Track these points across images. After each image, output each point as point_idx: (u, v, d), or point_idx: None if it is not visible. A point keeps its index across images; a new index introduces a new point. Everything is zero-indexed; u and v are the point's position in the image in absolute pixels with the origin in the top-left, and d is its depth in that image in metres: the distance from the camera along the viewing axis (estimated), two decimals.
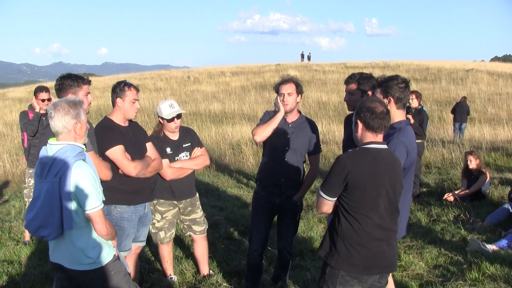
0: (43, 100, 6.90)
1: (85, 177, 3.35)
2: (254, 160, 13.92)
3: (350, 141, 4.02)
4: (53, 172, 3.33)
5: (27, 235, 7.11)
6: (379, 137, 3.46)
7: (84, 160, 3.44)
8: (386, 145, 3.53)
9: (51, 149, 3.42)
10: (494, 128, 18.41)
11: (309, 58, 56.86)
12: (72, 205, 3.35)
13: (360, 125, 3.45)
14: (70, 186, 3.31)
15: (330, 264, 3.48)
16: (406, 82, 4.04)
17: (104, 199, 3.54)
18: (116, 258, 3.69)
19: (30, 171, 7.10)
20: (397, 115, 4.00)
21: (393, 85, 3.98)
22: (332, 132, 18.12)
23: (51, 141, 3.46)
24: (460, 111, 17.90)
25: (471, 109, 19.89)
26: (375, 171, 3.37)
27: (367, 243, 3.40)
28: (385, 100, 3.94)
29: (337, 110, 25.60)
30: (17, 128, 17.95)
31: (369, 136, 3.44)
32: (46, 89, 7.09)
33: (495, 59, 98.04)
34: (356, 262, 3.41)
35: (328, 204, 3.47)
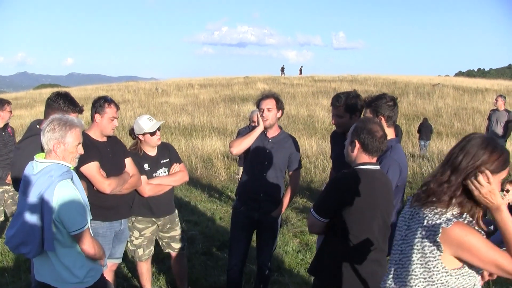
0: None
1: (68, 198, 3.27)
2: (226, 174, 13.86)
3: (340, 159, 4.02)
4: (35, 191, 3.24)
5: None
6: (374, 159, 3.45)
7: (70, 179, 3.36)
8: (379, 166, 3.53)
9: (36, 166, 3.33)
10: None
11: (300, 71, 56.57)
12: (54, 226, 3.26)
13: (357, 145, 3.41)
14: (53, 207, 3.22)
15: (323, 285, 3.46)
16: (394, 100, 4.08)
17: (91, 217, 3.48)
18: (103, 277, 3.63)
19: None
20: (388, 133, 3.93)
21: (382, 104, 4.01)
22: (302, 145, 18.14)
23: (38, 158, 3.38)
24: (425, 131, 18.87)
25: (438, 123, 20.24)
26: (370, 192, 3.35)
27: (361, 264, 3.38)
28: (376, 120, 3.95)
29: (306, 123, 25.73)
30: None
31: (365, 158, 3.41)
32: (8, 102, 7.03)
33: (459, 74, 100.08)
34: (349, 284, 3.39)
35: (320, 225, 3.44)
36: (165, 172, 5.27)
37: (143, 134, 5.09)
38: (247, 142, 4.92)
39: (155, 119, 5.18)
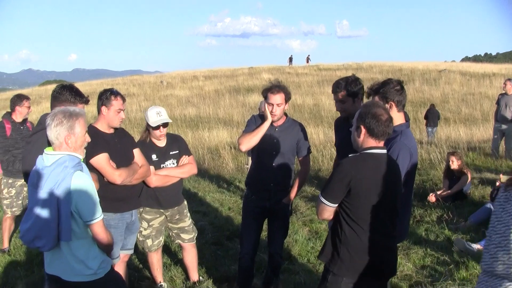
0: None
1: (85, 187, 3.28)
2: (233, 164, 13.89)
3: (343, 144, 3.97)
4: (51, 182, 3.22)
5: (5, 242, 6.99)
6: (381, 143, 3.40)
7: (81, 170, 3.36)
8: (386, 150, 3.49)
9: (47, 159, 3.31)
10: (469, 128, 18.66)
11: (307, 60, 56.20)
12: (72, 216, 3.26)
13: (363, 130, 3.37)
14: (70, 197, 3.21)
15: (333, 271, 3.43)
16: (401, 84, 4.00)
17: (102, 209, 3.48)
18: (113, 269, 3.64)
19: (10, 181, 6.99)
20: (398, 118, 3.91)
21: (390, 89, 3.93)
22: (309, 134, 18.09)
23: (47, 150, 3.36)
24: (432, 117, 18.84)
25: (445, 109, 20.18)
26: (378, 176, 3.32)
27: (371, 249, 3.35)
28: (386, 106, 3.84)
29: (312, 112, 25.72)
30: None
31: (371, 142, 3.37)
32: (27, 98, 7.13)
33: (466, 59, 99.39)
34: (360, 269, 3.37)
35: (329, 210, 3.40)
36: (173, 164, 5.24)
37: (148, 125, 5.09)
38: (256, 138, 4.86)
39: (165, 115, 5.11)
